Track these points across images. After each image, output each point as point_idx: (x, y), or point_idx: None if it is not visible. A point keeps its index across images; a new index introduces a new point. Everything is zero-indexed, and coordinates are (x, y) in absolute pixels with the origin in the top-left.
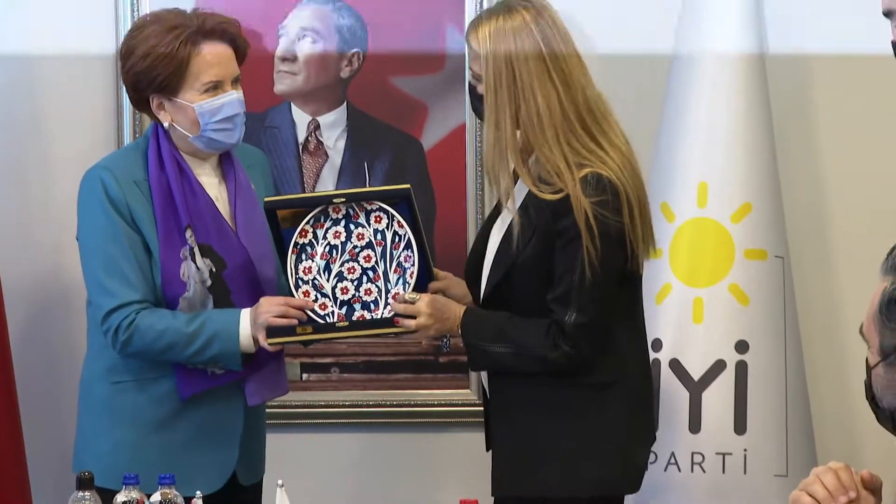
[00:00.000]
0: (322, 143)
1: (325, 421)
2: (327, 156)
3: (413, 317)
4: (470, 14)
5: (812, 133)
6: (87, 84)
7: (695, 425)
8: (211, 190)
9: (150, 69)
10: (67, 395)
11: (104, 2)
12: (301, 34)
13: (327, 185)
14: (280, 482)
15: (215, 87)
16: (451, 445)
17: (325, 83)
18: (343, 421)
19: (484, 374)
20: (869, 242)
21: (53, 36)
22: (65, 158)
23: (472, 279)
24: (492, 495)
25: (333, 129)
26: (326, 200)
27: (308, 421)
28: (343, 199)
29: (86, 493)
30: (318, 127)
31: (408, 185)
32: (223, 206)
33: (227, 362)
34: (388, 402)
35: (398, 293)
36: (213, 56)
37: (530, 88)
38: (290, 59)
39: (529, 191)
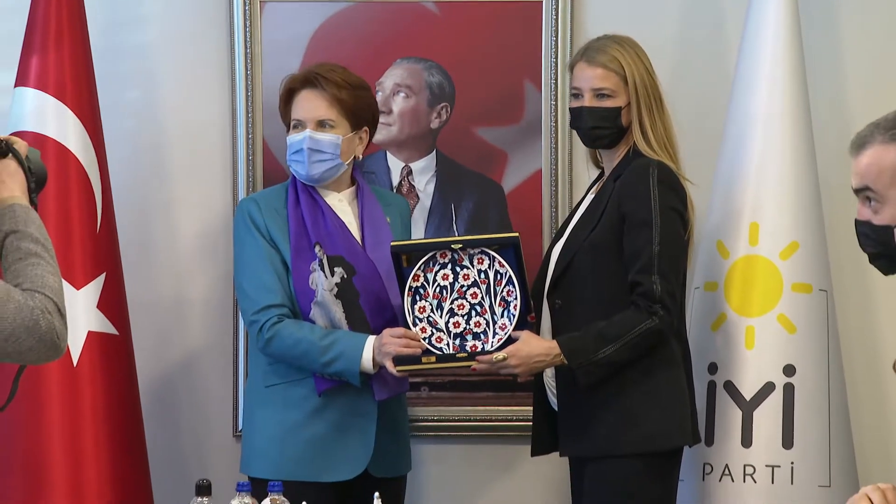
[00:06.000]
0: (414, 186)
1: (415, 434)
2: (418, 198)
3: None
4: (547, 71)
5: None
6: (206, 134)
7: (746, 440)
8: (345, 216)
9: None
10: (186, 408)
11: (221, 57)
12: (396, 90)
13: (419, 224)
14: (377, 494)
15: (297, 126)
16: (528, 456)
17: (417, 133)
18: (432, 434)
19: (550, 377)
20: None
21: (174, 83)
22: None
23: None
24: (560, 455)
25: (424, 174)
26: (445, 246)
27: None
28: (460, 245)
29: (203, 499)
30: (410, 172)
31: (517, 234)
32: (355, 231)
33: (348, 378)
34: (472, 417)
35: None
36: (300, 100)
37: (660, 107)
38: (386, 112)
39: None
